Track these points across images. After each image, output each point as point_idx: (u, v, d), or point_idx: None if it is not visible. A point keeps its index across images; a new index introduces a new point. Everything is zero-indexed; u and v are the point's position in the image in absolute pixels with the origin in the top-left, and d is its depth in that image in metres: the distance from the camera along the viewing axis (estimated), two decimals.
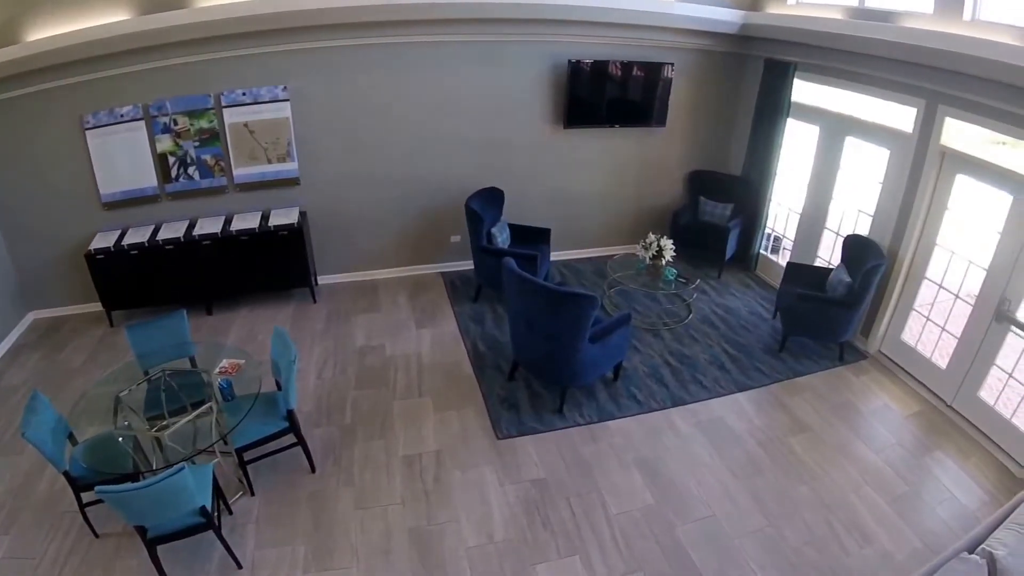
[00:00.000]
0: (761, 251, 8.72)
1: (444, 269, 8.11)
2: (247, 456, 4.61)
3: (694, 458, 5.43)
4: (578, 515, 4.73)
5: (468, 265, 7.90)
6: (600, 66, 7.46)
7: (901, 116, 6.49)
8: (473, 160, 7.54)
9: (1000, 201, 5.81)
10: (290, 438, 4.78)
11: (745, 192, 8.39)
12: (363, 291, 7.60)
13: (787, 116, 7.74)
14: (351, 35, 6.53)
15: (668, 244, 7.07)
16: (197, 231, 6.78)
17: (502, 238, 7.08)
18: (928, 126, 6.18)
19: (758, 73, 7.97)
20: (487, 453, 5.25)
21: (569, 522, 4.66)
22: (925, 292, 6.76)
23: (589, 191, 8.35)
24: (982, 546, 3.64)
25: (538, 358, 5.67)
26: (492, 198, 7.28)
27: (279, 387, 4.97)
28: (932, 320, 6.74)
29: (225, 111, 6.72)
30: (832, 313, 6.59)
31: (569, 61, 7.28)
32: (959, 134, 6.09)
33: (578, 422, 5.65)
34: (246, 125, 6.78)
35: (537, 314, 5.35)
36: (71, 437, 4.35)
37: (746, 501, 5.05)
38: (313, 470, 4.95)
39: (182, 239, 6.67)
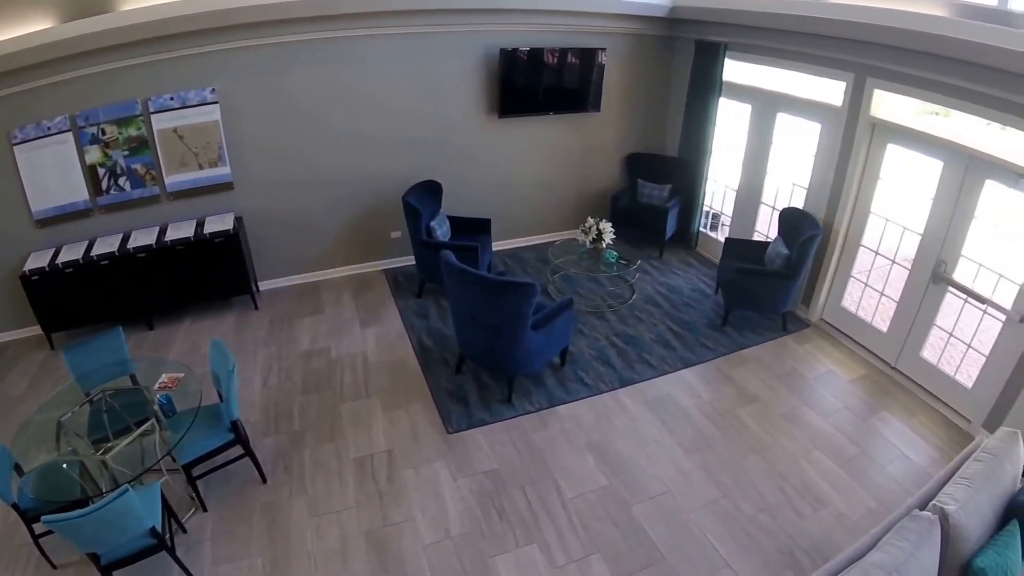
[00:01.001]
0: (700, 229, 8.86)
1: (387, 266, 8.02)
2: (196, 471, 4.49)
3: (645, 436, 5.46)
4: (533, 503, 4.72)
5: (410, 261, 7.84)
6: (532, 54, 7.44)
7: (831, 90, 6.62)
8: (409, 154, 7.45)
9: (931, 168, 5.96)
10: (238, 449, 4.68)
11: (682, 172, 8.49)
12: (306, 294, 7.48)
13: (719, 96, 7.84)
14: (279, 32, 6.37)
15: (607, 227, 7.11)
16: (132, 244, 6.52)
17: (442, 231, 7.03)
18: (857, 99, 6.32)
19: (689, 55, 8.04)
20: (438, 448, 5.21)
21: (525, 511, 4.65)
22: (862, 259, 6.90)
23: (528, 179, 8.34)
24: (933, 502, 3.66)
25: (483, 349, 5.64)
26: (430, 191, 7.21)
27: (221, 399, 4.85)
28: (871, 286, 6.88)
29: (153, 117, 6.48)
30: (772, 285, 6.71)
31: (501, 50, 7.24)
32: (888, 106, 6.25)
33: (528, 410, 5.64)
34: (175, 131, 6.57)
35: (478, 305, 5.32)
36: (17, 467, 4.15)
37: (699, 475, 5.10)
38: (264, 480, 4.85)
39: (117, 253, 6.41)
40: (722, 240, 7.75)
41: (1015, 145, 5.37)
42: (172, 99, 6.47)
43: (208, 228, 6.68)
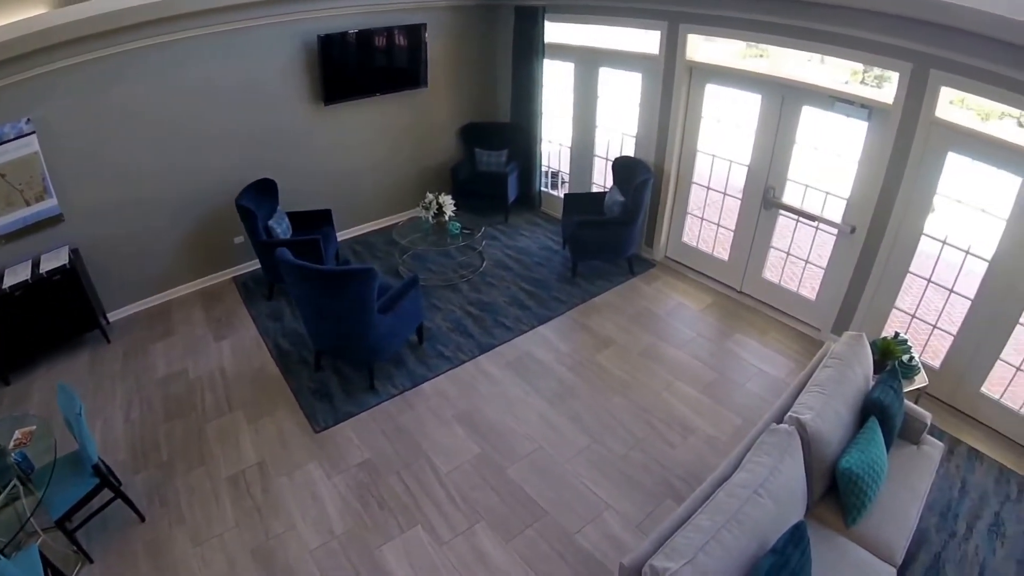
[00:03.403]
0: (542, 189, 9.02)
1: (234, 273, 7.73)
2: (72, 524, 4.21)
3: (510, 398, 5.54)
4: (411, 485, 4.71)
5: (257, 265, 7.54)
6: (351, 37, 7.27)
7: (647, 40, 6.83)
8: (240, 155, 7.13)
9: (751, 102, 6.27)
10: (109, 492, 4.41)
11: (517, 136, 8.59)
12: (156, 317, 7.10)
13: (543, 58, 7.94)
14: (89, 48, 5.82)
15: (447, 200, 7.12)
16: None
17: (281, 229, 6.83)
18: (672, 46, 6.56)
19: (510, 21, 8.08)
20: (309, 450, 5.09)
21: (404, 495, 4.63)
22: (696, 195, 7.20)
23: (365, 163, 8.20)
24: (789, 413, 3.83)
25: (336, 342, 5.57)
26: (264, 190, 6.97)
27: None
28: (708, 219, 7.19)
29: None
30: (613, 232, 6.90)
31: (319, 37, 7.02)
32: (705, 49, 6.53)
33: (392, 394, 5.60)
34: None
35: (321, 299, 5.22)
36: None
37: (567, 425, 5.22)
38: (143, 518, 4.58)
39: None
40: (563, 197, 7.90)
41: (828, 72, 5.73)
42: None
43: (44, 267, 6.13)
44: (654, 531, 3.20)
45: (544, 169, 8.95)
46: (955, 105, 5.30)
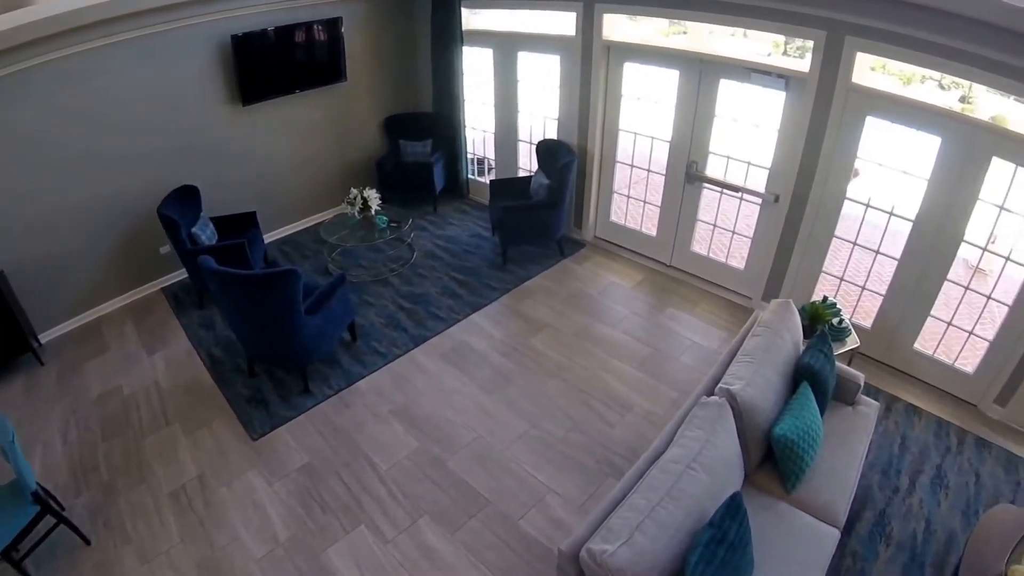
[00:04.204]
0: (469, 176, 9.00)
1: (163, 284, 7.55)
2: (19, 553, 4.09)
3: (447, 389, 5.56)
4: (351, 485, 4.69)
5: (186, 273, 7.39)
6: (266, 36, 7.12)
7: (564, 22, 6.86)
8: (160, 164, 6.93)
9: (669, 78, 6.35)
10: (52, 518, 4.29)
11: (440, 125, 8.56)
12: (88, 334, 6.90)
13: (462, 45, 7.91)
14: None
15: (372, 194, 7.05)
16: None
17: (206, 236, 6.70)
18: (588, 25, 6.60)
19: (427, 10, 8.00)
20: (248, 458, 5.03)
21: (345, 496, 4.62)
22: (621, 174, 7.28)
23: (289, 162, 8.07)
24: (719, 385, 3.88)
25: (266, 347, 5.50)
26: (187, 197, 6.80)
27: None
28: (634, 197, 7.28)
29: None
30: (540, 215, 6.94)
31: (232, 37, 6.87)
32: (622, 28, 6.60)
33: (327, 394, 5.56)
34: None
35: (246, 304, 5.14)
36: None
37: (505, 412, 5.27)
38: (88, 542, 4.46)
39: None
40: (489, 183, 7.92)
41: (751, 46, 5.84)
42: None
43: None
44: (591, 514, 3.23)
45: (470, 156, 8.95)
46: (877, 72, 5.44)
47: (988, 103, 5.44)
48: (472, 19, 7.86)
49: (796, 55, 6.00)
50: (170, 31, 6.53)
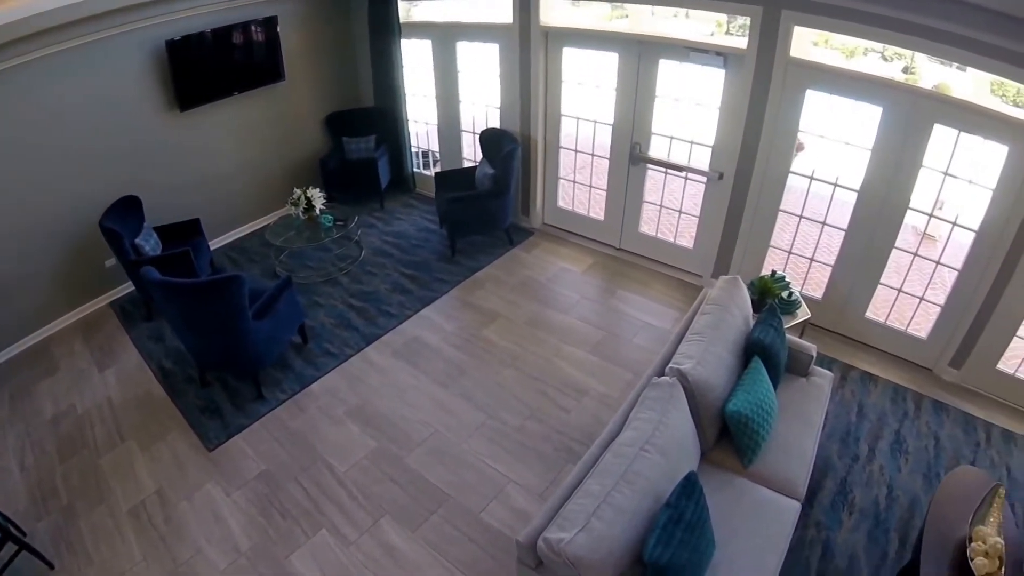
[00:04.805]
0: (414, 170, 8.96)
1: (111, 298, 7.41)
2: None
3: (400, 386, 5.56)
4: (310, 490, 4.68)
5: (133, 286, 7.30)
6: (201, 39, 6.98)
7: (501, 9, 6.86)
8: (99, 176, 6.76)
9: (608, 61, 6.38)
10: (13, 545, 4.21)
11: (383, 120, 8.51)
12: (37, 355, 6.73)
13: (400, 38, 7.86)
14: None
15: (316, 193, 6.99)
16: None
17: (150, 246, 6.58)
18: (526, 12, 6.60)
19: (364, 4, 7.94)
20: (205, 469, 4.98)
21: (304, 501, 4.60)
22: (566, 159, 7.31)
23: (231, 166, 7.96)
24: (670, 365, 3.91)
25: (215, 356, 5.44)
26: (129, 208, 6.68)
27: None
28: (579, 182, 7.31)
29: None
30: (487, 205, 6.96)
31: (167, 42, 6.73)
32: (560, 13, 6.63)
33: (281, 400, 5.52)
34: None
35: (192, 314, 5.08)
36: None
37: (460, 405, 5.29)
38: (51, 566, 4.38)
39: None
40: (434, 176, 7.89)
41: (693, 26, 5.90)
42: None
43: None
44: (547, 503, 3.25)
45: (414, 150, 8.92)
46: (820, 46, 5.52)
47: (931, 72, 5.57)
48: (410, 11, 7.83)
49: (739, 34, 6.08)
50: (102, 40, 6.37)
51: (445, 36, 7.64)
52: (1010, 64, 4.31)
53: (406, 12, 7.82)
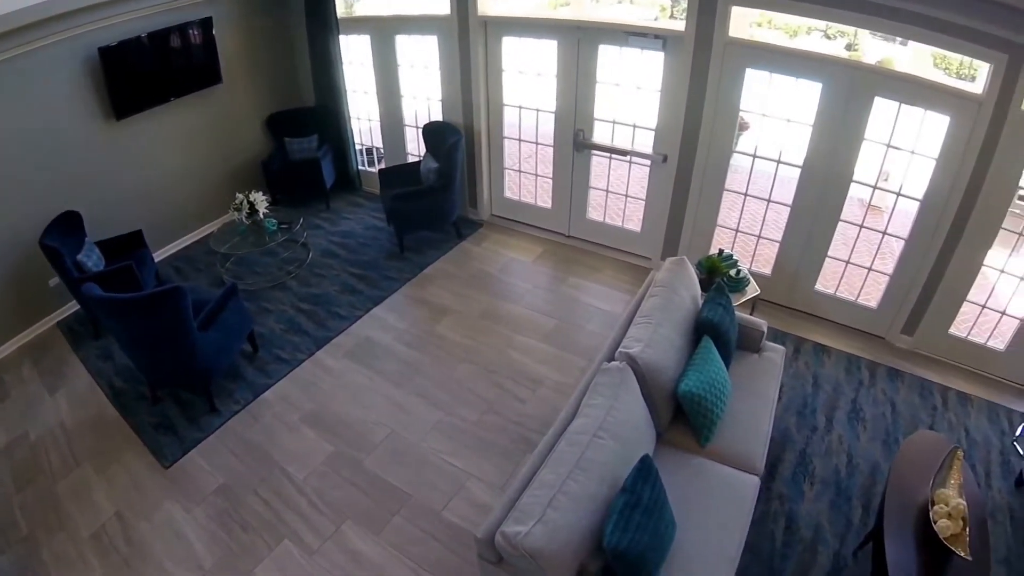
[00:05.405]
0: (359, 168, 8.88)
1: (58, 318, 7.24)
2: None
3: (355, 388, 5.53)
4: (270, 501, 4.64)
5: (78, 304, 7.16)
6: (134, 44, 6.79)
7: (438, 1, 6.81)
8: (36, 193, 6.56)
9: (548, 49, 6.39)
10: None
11: (325, 119, 8.41)
12: None
13: (338, 34, 7.76)
14: None
15: (258, 197, 6.89)
16: None
17: (92, 262, 6.44)
18: (463, 2, 6.58)
19: (300, 2, 7.82)
20: (163, 488, 4.90)
21: (265, 512, 4.56)
22: (511, 149, 7.32)
23: (172, 174, 7.78)
24: (619, 349, 3.94)
25: (164, 370, 5.35)
26: (69, 224, 6.51)
27: None
28: (525, 171, 7.33)
29: None
30: (432, 200, 6.95)
31: (99, 50, 6.55)
32: (497, 2, 6.62)
33: (235, 410, 5.44)
34: None
35: (136, 329, 4.99)
36: None
37: (416, 403, 5.29)
38: None
39: None
40: (378, 172, 7.90)
41: (637, 11, 5.92)
42: None
43: None
44: (503, 496, 3.25)
45: (358, 147, 8.83)
46: (763, 27, 5.58)
47: (875, 48, 5.66)
48: (352, 6, 7.80)
49: (683, 17, 6.13)
50: (32, 52, 6.18)
51: (383, 30, 7.56)
52: (947, 35, 4.46)
53: (344, 7, 7.74)
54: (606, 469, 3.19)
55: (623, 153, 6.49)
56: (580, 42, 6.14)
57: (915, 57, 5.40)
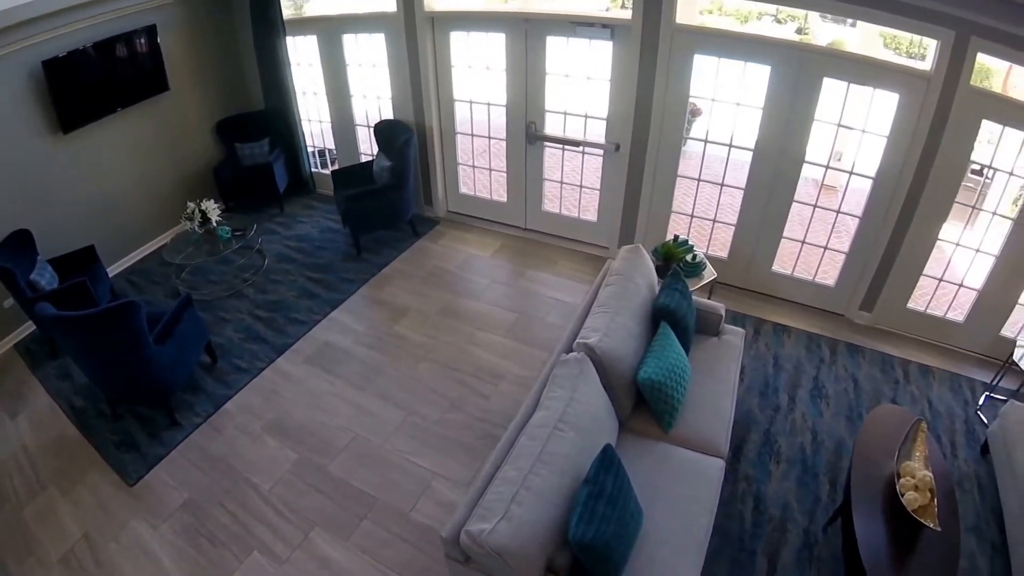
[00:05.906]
0: (312, 170, 8.84)
1: (14, 340, 7.11)
2: None
3: (315, 393, 5.52)
4: (237, 513, 4.62)
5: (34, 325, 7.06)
6: (78, 56, 6.66)
7: None
8: None
9: (496, 42, 6.41)
10: None
11: (275, 122, 8.34)
12: None
13: (285, 36, 7.70)
14: None
15: (210, 205, 6.81)
16: None
17: (45, 280, 6.33)
18: None
19: (245, 5, 7.74)
20: (128, 507, 4.84)
21: (232, 524, 4.54)
22: (464, 145, 7.33)
23: (122, 186, 7.66)
24: (577, 340, 3.97)
25: (122, 386, 5.31)
26: (20, 244, 6.41)
27: None
28: (479, 166, 7.35)
29: None
30: (386, 199, 6.94)
31: (43, 63, 6.42)
32: None
33: (196, 423, 5.39)
34: None
35: (91, 346, 4.93)
36: None
37: (378, 405, 5.28)
38: None
39: None
40: (331, 174, 7.81)
41: (588, 2, 5.94)
42: None
43: None
44: (467, 494, 3.27)
45: (311, 149, 8.79)
46: (713, 13, 5.62)
47: (825, 30, 5.73)
48: (302, 7, 7.76)
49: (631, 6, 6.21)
50: None
51: (330, 30, 7.52)
52: (895, 14, 4.55)
53: (294, 8, 7.69)
54: (568, 461, 3.20)
55: (576, 144, 6.52)
56: (528, 34, 6.16)
57: (865, 38, 5.49)
